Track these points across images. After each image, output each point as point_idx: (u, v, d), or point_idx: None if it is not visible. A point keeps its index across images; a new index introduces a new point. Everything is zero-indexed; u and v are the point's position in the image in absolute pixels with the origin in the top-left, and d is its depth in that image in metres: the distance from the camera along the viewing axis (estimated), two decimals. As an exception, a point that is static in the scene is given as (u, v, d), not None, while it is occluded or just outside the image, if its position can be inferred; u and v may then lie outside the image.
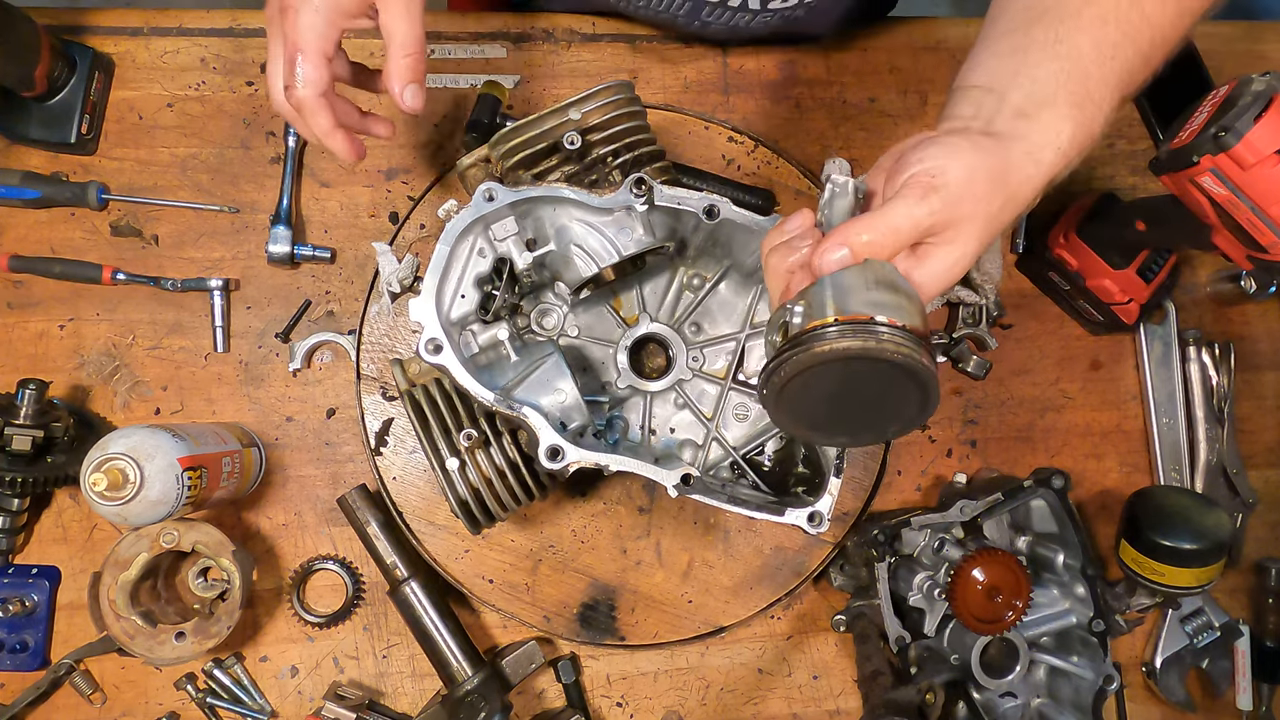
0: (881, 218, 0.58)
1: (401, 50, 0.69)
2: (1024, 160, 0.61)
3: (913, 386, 0.56)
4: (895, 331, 0.54)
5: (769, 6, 0.93)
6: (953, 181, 0.58)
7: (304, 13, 0.66)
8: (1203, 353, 1.08)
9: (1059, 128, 0.62)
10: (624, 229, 0.81)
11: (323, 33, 0.67)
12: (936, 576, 0.93)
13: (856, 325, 0.54)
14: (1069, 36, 0.63)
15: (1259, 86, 0.75)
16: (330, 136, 0.71)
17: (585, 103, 0.81)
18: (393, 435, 0.93)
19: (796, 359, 0.55)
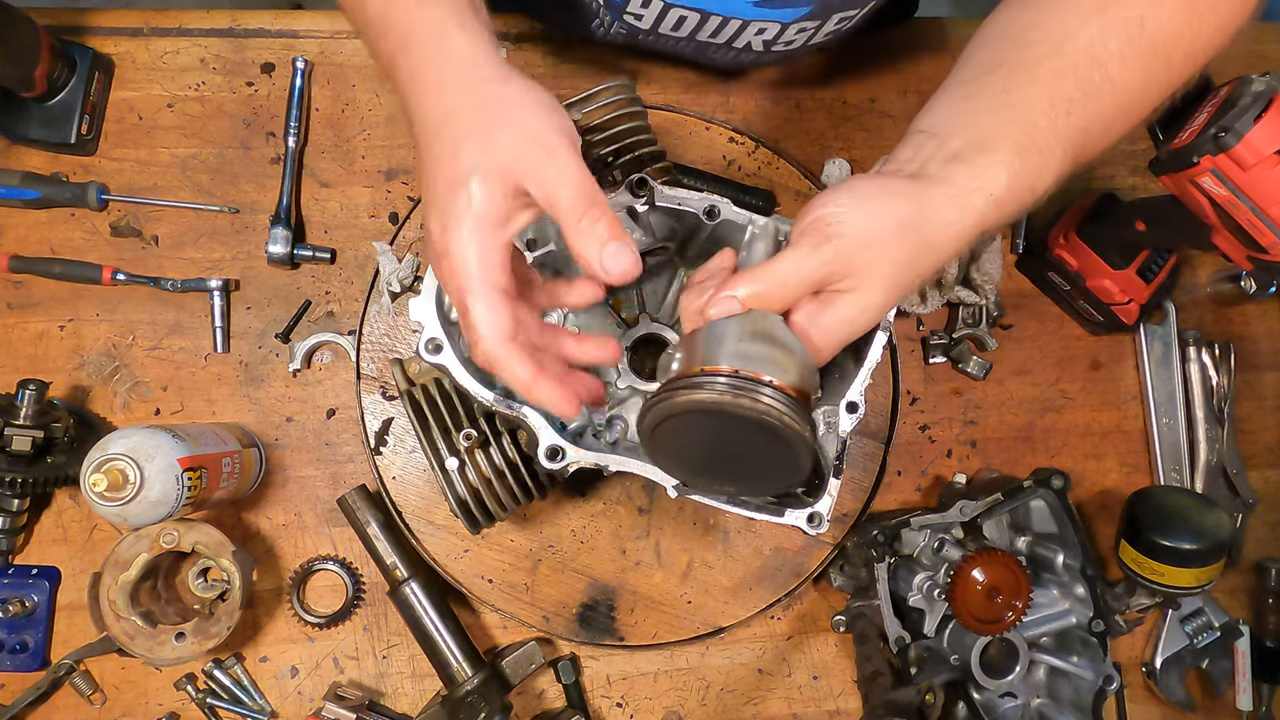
0: (767, 270, 0.56)
1: (574, 215, 0.55)
2: (945, 204, 0.58)
3: (779, 445, 0.53)
4: (754, 387, 0.51)
5: (773, 49, 0.93)
6: (850, 230, 0.56)
7: (453, 248, 0.55)
8: (1203, 353, 1.08)
9: (993, 174, 0.59)
10: (624, 229, 0.81)
11: (483, 263, 0.55)
12: (936, 577, 0.93)
13: (715, 378, 0.52)
14: (1020, 88, 0.61)
15: (1259, 87, 0.75)
16: (535, 388, 0.57)
17: (586, 103, 0.81)
18: (392, 435, 0.93)
19: (658, 407, 0.54)
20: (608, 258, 0.55)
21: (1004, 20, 0.67)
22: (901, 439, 1.03)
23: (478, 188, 0.54)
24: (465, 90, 0.56)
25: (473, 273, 0.55)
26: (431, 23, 0.58)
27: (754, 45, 0.92)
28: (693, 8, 0.86)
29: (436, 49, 0.57)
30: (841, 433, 0.81)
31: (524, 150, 0.55)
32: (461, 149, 0.55)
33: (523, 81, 0.58)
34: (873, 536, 0.92)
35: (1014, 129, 0.60)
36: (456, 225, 0.54)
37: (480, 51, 0.58)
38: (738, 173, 1.02)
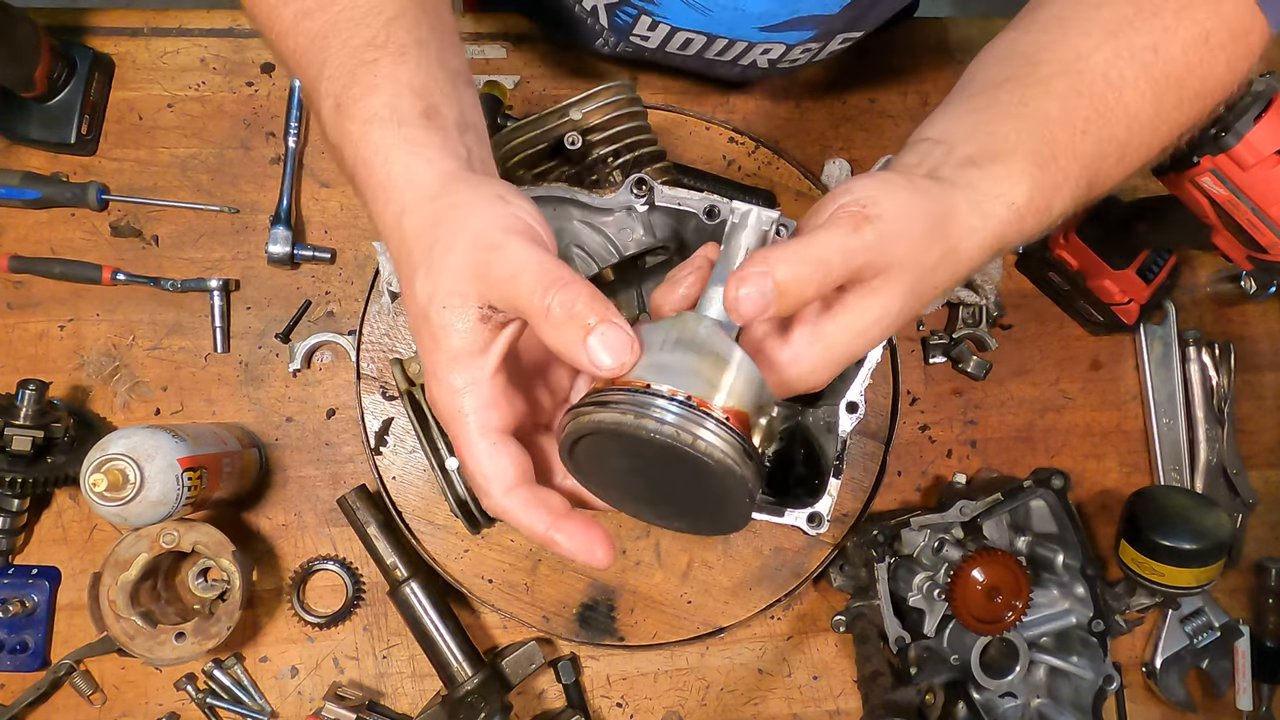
0: (807, 246, 0.45)
1: (539, 303, 0.44)
2: (968, 210, 0.52)
3: (703, 474, 0.44)
4: (657, 404, 0.42)
5: (778, 67, 0.94)
6: (888, 214, 0.48)
7: (435, 393, 0.49)
8: (1203, 353, 1.08)
9: (1014, 182, 0.54)
10: (624, 229, 0.81)
11: (469, 407, 0.48)
12: (936, 577, 0.93)
13: (621, 393, 0.43)
14: (1036, 100, 0.57)
15: (1259, 87, 0.75)
16: (555, 539, 0.48)
17: (586, 103, 0.81)
18: (392, 435, 0.93)
19: (568, 424, 0.46)
20: (595, 350, 0.43)
21: (1010, 40, 0.65)
22: (901, 439, 1.03)
23: (439, 321, 0.47)
24: (409, 216, 0.50)
25: (459, 419, 0.48)
26: (377, 150, 0.51)
27: (759, 64, 0.92)
28: (699, 31, 0.87)
29: (382, 177, 0.51)
30: (841, 433, 0.81)
31: (472, 263, 0.46)
32: (415, 283, 0.48)
33: (468, 184, 0.50)
34: (873, 536, 0.92)
35: (1033, 139, 0.56)
36: (432, 369, 0.49)
37: (425, 159, 0.51)
38: (738, 173, 1.02)
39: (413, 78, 0.52)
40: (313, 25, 0.55)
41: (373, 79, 0.52)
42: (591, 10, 0.87)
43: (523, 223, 0.48)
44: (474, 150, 0.54)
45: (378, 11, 0.54)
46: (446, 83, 0.54)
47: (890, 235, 0.48)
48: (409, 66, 0.53)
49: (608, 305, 0.44)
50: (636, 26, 0.87)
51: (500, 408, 0.48)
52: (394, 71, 0.52)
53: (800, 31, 0.86)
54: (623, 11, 0.86)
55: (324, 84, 0.54)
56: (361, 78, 0.52)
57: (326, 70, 0.54)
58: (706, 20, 0.85)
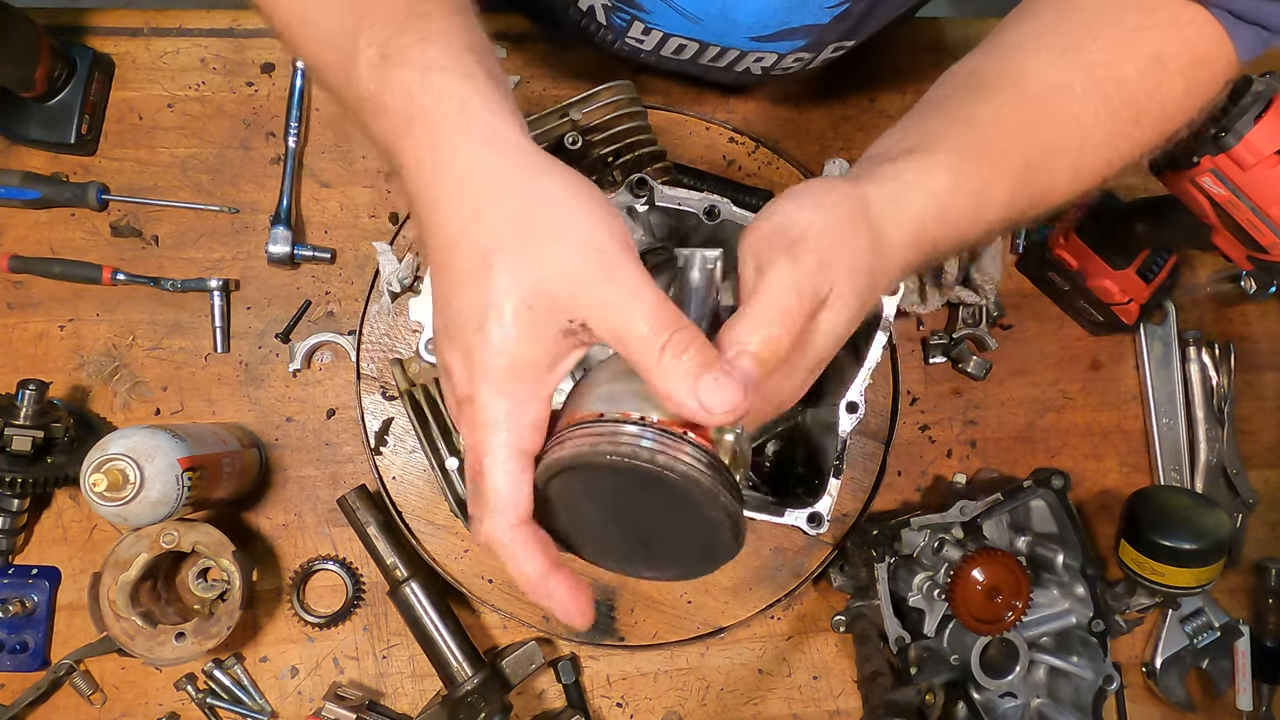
0: (766, 307, 0.45)
1: (653, 348, 0.41)
2: (883, 198, 0.51)
3: (680, 500, 0.42)
4: (627, 429, 0.41)
5: (771, 74, 0.94)
6: (814, 233, 0.47)
7: (480, 397, 0.43)
8: (1203, 353, 1.08)
9: (932, 172, 0.53)
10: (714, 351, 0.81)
11: (514, 424, 0.43)
12: (936, 577, 0.93)
13: (582, 427, 0.42)
14: (970, 104, 0.57)
15: (1259, 87, 0.75)
16: (547, 587, 0.45)
17: (586, 103, 0.81)
18: (392, 435, 0.93)
19: (538, 470, 0.44)
20: (706, 393, 0.40)
21: (968, 65, 0.65)
22: (901, 439, 1.03)
23: (514, 322, 0.42)
24: (495, 186, 0.43)
25: (499, 435, 0.43)
26: (443, 98, 0.45)
27: (753, 70, 0.93)
28: (691, 38, 0.87)
29: (453, 131, 0.44)
30: (841, 433, 0.81)
31: (578, 270, 0.42)
32: (493, 267, 0.42)
33: (567, 175, 0.45)
34: (873, 536, 0.92)
35: (957, 136, 0.55)
36: (484, 370, 0.43)
37: (511, 133, 0.45)
38: (738, 173, 1.02)
39: (469, 37, 0.48)
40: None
41: (425, 29, 0.47)
42: (588, 11, 0.88)
43: (630, 240, 0.44)
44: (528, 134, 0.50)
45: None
46: (491, 57, 0.50)
47: (825, 253, 0.47)
48: (464, 25, 0.48)
49: (717, 354, 0.43)
50: (631, 30, 0.88)
51: (541, 431, 0.44)
52: (446, 27, 0.47)
53: (791, 41, 0.86)
54: (618, 15, 0.86)
55: (363, 35, 0.48)
56: (412, 27, 0.47)
57: (367, 20, 0.48)
58: (697, 29, 0.86)
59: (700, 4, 0.82)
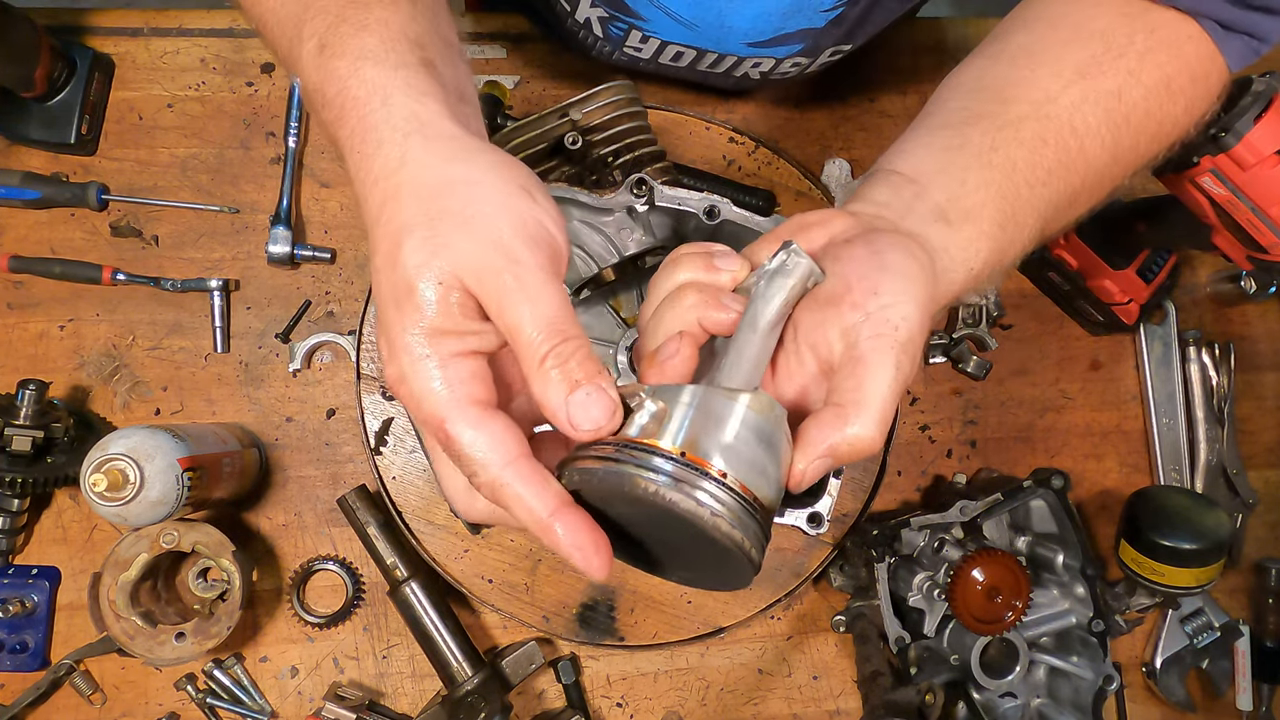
0: (872, 405, 0.46)
1: (536, 351, 0.42)
2: (942, 278, 0.53)
3: (727, 560, 0.43)
4: (732, 497, 0.41)
5: (770, 79, 0.94)
6: (916, 330, 0.47)
7: (408, 370, 0.43)
8: (1203, 353, 1.08)
9: (978, 246, 0.54)
10: (624, 229, 0.81)
11: (451, 380, 0.42)
12: (936, 577, 0.93)
13: (690, 472, 0.41)
14: (1005, 146, 0.57)
15: (1259, 87, 0.75)
16: (560, 525, 0.42)
17: (586, 103, 0.81)
18: (392, 435, 0.93)
19: (561, 473, 0.43)
20: (575, 407, 0.41)
21: (979, 69, 0.64)
22: (901, 439, 1.03)
23: (426, 293, 0.42)
24: (413, 170, 0.44)
25: (442, 395, 0.42)
26: (373, 89, 0.46)
27: (751, 75, 0.93)
28: (689, 45, 0.88)
29: (379, 122, 0.45)
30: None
31: (481, 260, 0.42)
32: (403, 246, 0.43)
33: (491, 159, 0.45)
34: (873, 536, 0.92)
35: (998, 195, 0.56)
36: (405, 342, 0.43)
37: (432, 115, 0.45)
38: (738, 173, 1.02)
39: (407, 26, 0.48)
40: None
41: (364, 19, 0.47)
42: (585, 23, 0.88)
43: (545, 232, 0.44)
44: (471, 125, 0.49)
45: None
46: (442, 46, 0.50)
47: (918, 346, 0.48)
48: (403, 14, 0.48)
49: (601, 370, 0.42)
50: (629, 39, 0.88)
51: (485, 382, 0.44)
52: (387, 16, 0.48)
53: (788, 47, 0.86)
54: (615, 25, 0.87)
55: (307, 26, 0.48)
56: (351, 17, 0.47)
57: (311, 10, 0.49)
58: (694, 35, 0.86)
59: (696, 10, 0.82)
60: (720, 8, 0.81)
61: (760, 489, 0.42)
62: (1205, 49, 0.62)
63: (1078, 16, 0.62)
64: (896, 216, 0.55)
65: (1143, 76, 0.60)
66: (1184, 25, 0.62)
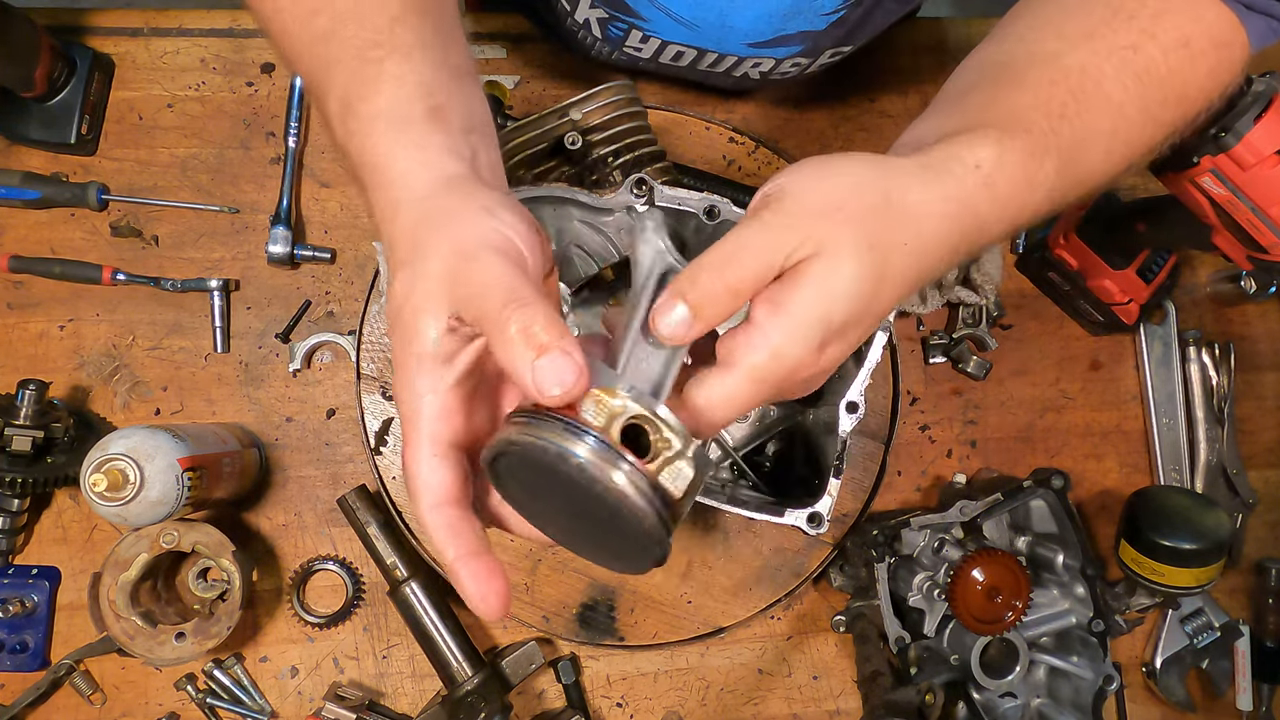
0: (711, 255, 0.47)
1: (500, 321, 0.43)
2: (913, 169, 0.51)
3: (634, 540, 0.44)
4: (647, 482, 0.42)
5: (770, 79, 0.94)
6: (798, 192, 0.48)
7: (399, 392, 0.48)
8: (1203, 353, 1.08)
9: (975, 145, 0.52)
10: (624, 229, 0.81)
11: (422, 413, 0.47)
12: (936, 577, 0.93)
13: (547, 417, 0.43)
14: (1007, 94, 0.57)
15: (1259, 87, 0.75)
16: (458, 572, 0.46)
17: (586, 103, 0.81)
18: (393, 435, 0.93)
19: (494, 436, 0.45)
20: (540, 372, 0.42)
21: (983, 54, 0.65)
22: (901, 439, 1.03)
23: (411, 323, 0.46)
24: (400, 215, 0.49)
25: (413, 425, 0.47)
26: (379, 153, 0.51)
27: (751, 75, 0.93)
28: (689, 45, 0.88)
29: (383, 175, 0.51)
30: (841, 433, 0.81)
31: (445, 269, 0.46)
32: (395, 281, 0.48)
33: (460, 192, 0.49)
34: (873, 536, 0.92)
35: (999, 112, 0.55)
36: (399, 367, 0.48)
37: (422, 161, 0.50)
38: (738, 173, 1.02)
39: (419, 76, 0.52)
40: (317, 25, 0.54)
41: (378, 78, 0.52)
42: (584, 23, 0.88)
43: (503, 238, 0.47)
44: (480, 152, 0.53)
45: (381, 9, 0.54)
46: (452, 82, 0.54)
47: (803, 212, 0.47)
48: (414, 65, 0.52)
49: (564, 333, 0.43)
50: (629, 39, 0.88)
51: (454, 421, 0.48)
52: (399, 70, 0.52)
53: (788, 47, 0.87)
54: (615, 26, 0.87)
55: (330, 85, 0.53)
56: (367, 76, 0.52)
57: (332, 71, 0.53)
58: (694, 35, 0.86)
59: (697, 11, 0.82)
60: (721, 8, 0.81)
61: (679, 503, 0.44)
62: (1226, 20, 0.62)
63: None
64: None
65: (1158, 35, 0.59)
66: (1202, 1, 0.61)
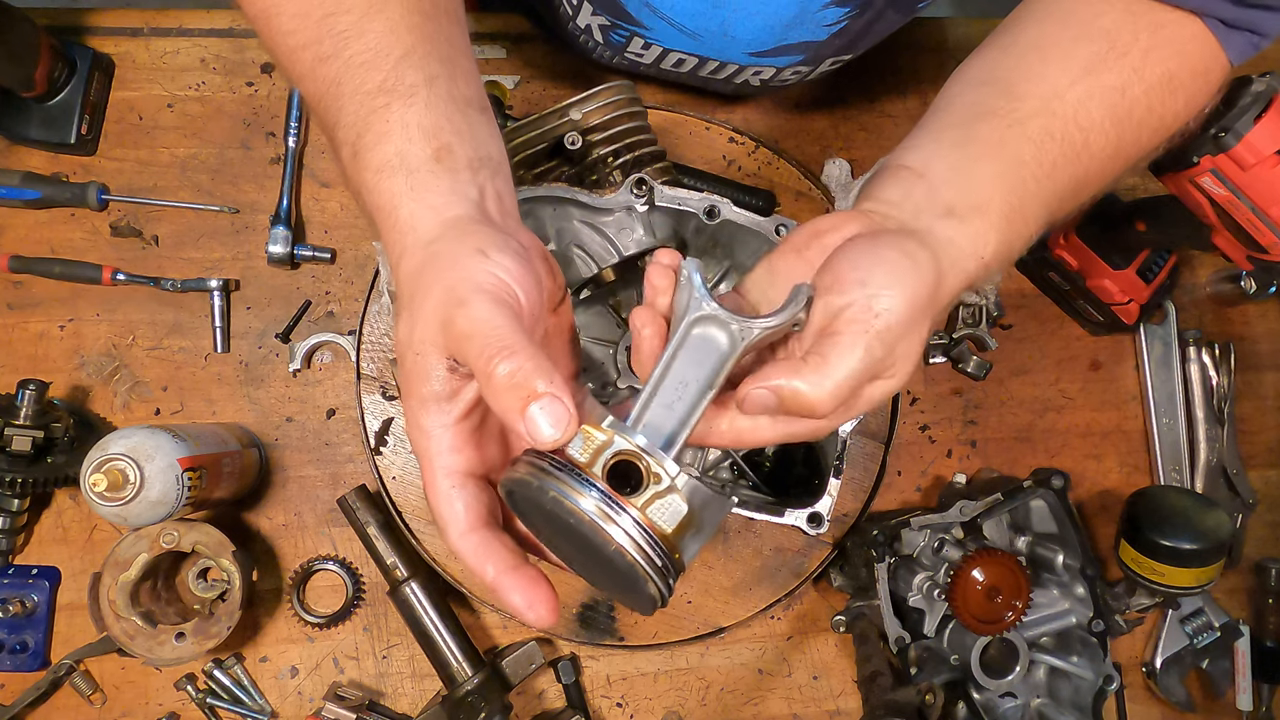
0: (820, 374, 0.49)
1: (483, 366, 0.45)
2: (950, 271, 0.55)
3: (633, 588, 0.46)
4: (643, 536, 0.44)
5: (770, 85, 0.95)
6: (895, 320, 0.50)
7: (409, 432, 0.50)
8: (1203, 353, 1.08)
9: (986, 237, 0.57)
10: (624, 229, 0.81)
11: (433, 450, 0.49)
12: (936, 577, 0.93)
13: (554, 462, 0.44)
14: (1013, 143, 0.59)
15: (1259, 87, 0.75)
16: (500, 589, 0.49)
17: (586, 103, 0.81)
18: (392, 435, 0.93)
19: (505, 474, 0.47)
20: (530, 422, 0.43)
21: (990, 62, 0.66)
22: (901, 439, 1.03)
23: (413, 365, 0.48)
24: (405, 260, 0.51)
25: (424, 459, 0.49)
26: (386, 198, 0.52)
27: (751, 82, 0.93)
28: (690, 53, 0.88)
29: (390, 222, 0.52)
30: (841, 433, 0.81)
31: (439, 314, 0.47)
32: (399, 324, 0.50)
33: (456, 235, 0.50)
34: (873, 536, 0.92)
35: (1005, 189, 0.58)
36: (407, 406, 0.50)
37: (428, 206, 0.51)
38: (738, 173, 1.02)
39: (422, 119, 0.53)
40: (328, 71, 0.55)
41: (385, 126, 0.53)
42: (586, 29, 0.88)
43: (495, 280, 0.48)
44: (488, 187, 0.54)
45: (386, 52, 0.54)
46: (459, 116, 0.54)
47: (896, 339, 0.51)
48: (418, 108, 0.53)
49: (552, 377, 0.44)
50: (630, 45, 0.89)
51: (464, 453, 0.49)
52: (404, 115, 0.53)
53: (789, 57, 0.87)
54: (616, 33, 0.87)
55: (340, 132, 0.54)
56: (374, 124, 0.53)
57: (343, 118, 0.54)
58: (696, 44, 0.86)
59: (699, 21, 0.82)
60: (724, 18, 0.82)
61: (672, 536, 0.45)
62: (1208, 47, 0.64)
63: (1085, 13, 0.63)
64: (908, 216, 0.57)
65: (1145, 73, 0.62)
66: (1187, 24, 0.63)
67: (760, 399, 0.50)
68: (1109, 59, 0.61)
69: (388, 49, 0.54)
